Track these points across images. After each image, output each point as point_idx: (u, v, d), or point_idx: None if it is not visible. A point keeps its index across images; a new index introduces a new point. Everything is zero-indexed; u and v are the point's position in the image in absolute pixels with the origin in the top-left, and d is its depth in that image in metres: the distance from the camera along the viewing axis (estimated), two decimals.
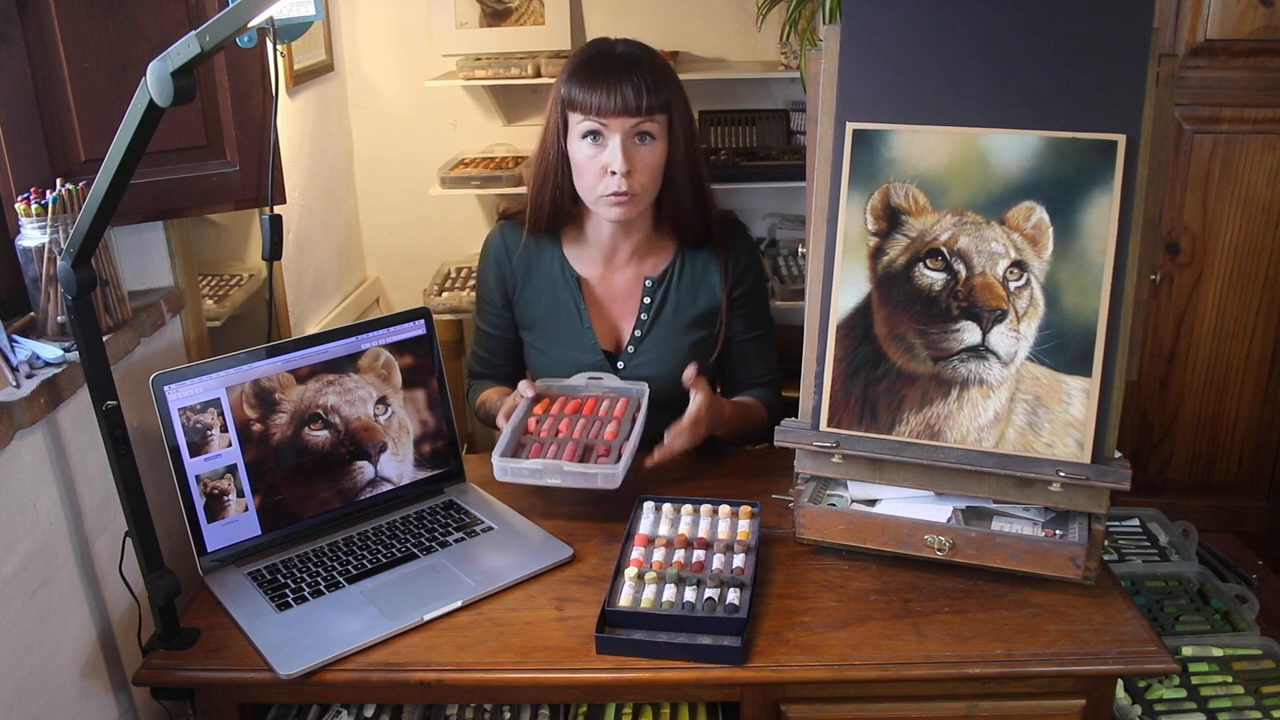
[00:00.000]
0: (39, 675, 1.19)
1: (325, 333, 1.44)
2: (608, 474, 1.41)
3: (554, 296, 1.69)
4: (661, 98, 1.54)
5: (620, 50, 1.58)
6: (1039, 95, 1.26)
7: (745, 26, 2.91)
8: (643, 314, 1.69)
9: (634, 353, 1.69)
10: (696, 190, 1.64)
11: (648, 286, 1.68)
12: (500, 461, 1.44)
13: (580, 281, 1.69)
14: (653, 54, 1.59)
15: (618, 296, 1.70)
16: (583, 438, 1.50)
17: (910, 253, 1.30)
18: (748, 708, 1.23)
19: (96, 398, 1.17)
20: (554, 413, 1.57)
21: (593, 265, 1.70)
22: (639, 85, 1.52)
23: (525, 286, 1.71)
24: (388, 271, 3.15)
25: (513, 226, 1.73)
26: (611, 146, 1.53)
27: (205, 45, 0.97)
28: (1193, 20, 2.31)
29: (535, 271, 1.70)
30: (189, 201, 1.51)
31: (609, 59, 1.56)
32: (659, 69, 1.57)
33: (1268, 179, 2.40)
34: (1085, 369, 1.24)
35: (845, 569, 1.35)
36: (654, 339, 1.68)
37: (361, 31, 2.94)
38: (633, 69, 1.53)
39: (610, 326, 1.70)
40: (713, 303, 1.69)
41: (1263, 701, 1.58)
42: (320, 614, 1.28)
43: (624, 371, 1.68)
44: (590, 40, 1.64)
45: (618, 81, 1.52)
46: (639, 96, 1.51)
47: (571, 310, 1.68)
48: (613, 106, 1.52)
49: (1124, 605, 1.26)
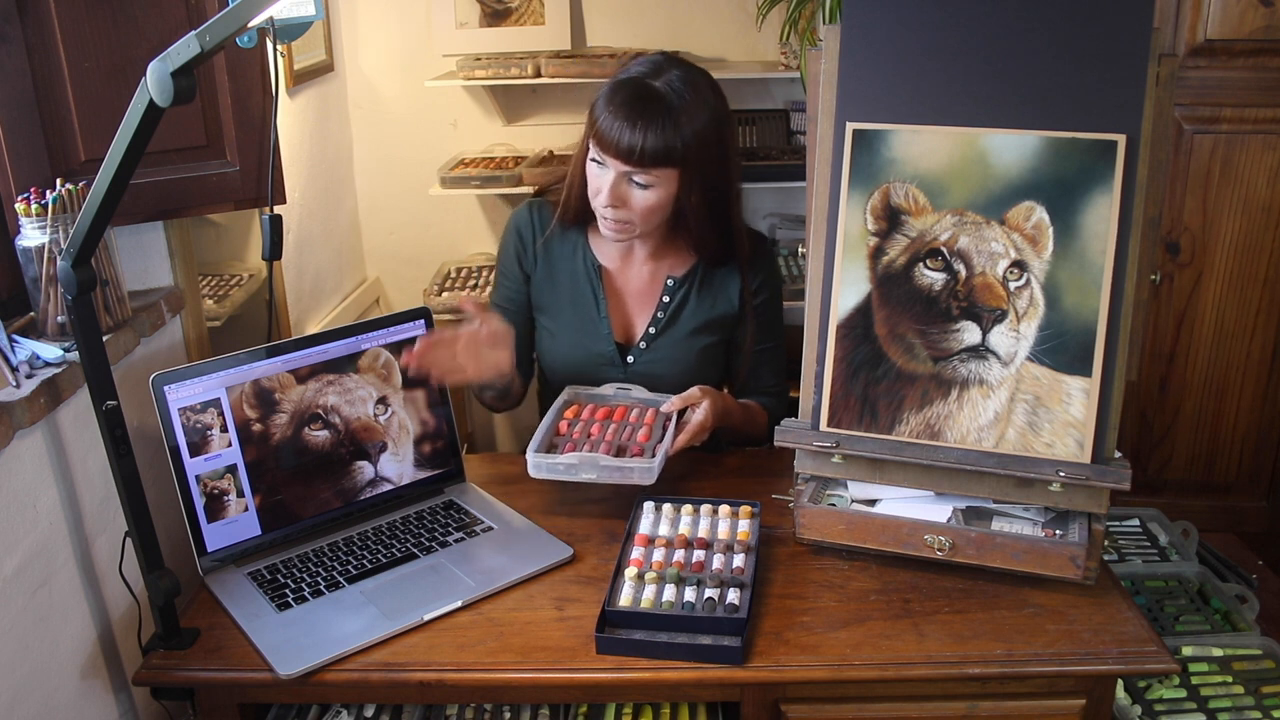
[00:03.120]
0: (39, 675, 1.19)
1: (325, 333, 1.44)
2: (644, 469, 1.41)
3: (573, 281, 1.69)
4: (671, 152, 1.47)
5: (658, 84, 1.49)
6: (1039, 95, 1.26)
7: (745, 26, 2.90)
8: (659, 311, 1.68)
9: (646, 349, 1.68)
10: (718, 224, 1.61)
11: (669, 285, 1.68)
12: (535, 457, 1.44)
13: (601, 271, 1.68)
14: (694, 92, 1.49)
15: (637, 291, 1.70)
16: (615, 439, 1.51)
17: (910, 253, 1.30)
18: (748, 708, 1.23)
19: (96, 398, 1.17)
20: (584, 418, 1.57)
21: (614, 257, 1.69)
22: (649, 134, 1.45)
23: (546, 266, 1.70)
24: (388, 271, 3.15)
25: (544, 205, 1.71)
26: (606, 178, 1.51)
27: (205, 45, 0.97)
28: (1193, 20, 2.31)
29: (558, 254, 1.70)
30: (189, 201, 1.51)
31: (640, 92, 1.48)
32: (690, 113, 1.48)
33: (1268, 179, 2.40)
34: (1085, 369, 1.24)
35: (845, 569, 1.35)
36: (668, 338, 1.68)
37: (361, 31, 2.94)
38: (654, 114, 1.46)
39: (625, 319, 1.70)
40: (729, 311, 1.69)
41: (1263, 702, 1.58)
42: (320, 614, 1.28)
43: (633, 366, 1.68)
44: (648, 55, 1.56)
45: (630, 123, 1.45)
46: (640, 146, 1.45)
47: (589, 298, 1.68)
48: (612, 147, 1.47)
49: (1124, 605, 1.26)
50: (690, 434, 1.51)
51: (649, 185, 1.51)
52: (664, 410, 1.54)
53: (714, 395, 1.58)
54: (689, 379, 1.66)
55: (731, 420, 1.63)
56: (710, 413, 1.54)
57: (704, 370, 1.70)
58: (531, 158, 2.87)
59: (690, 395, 1.56)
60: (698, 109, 1.49)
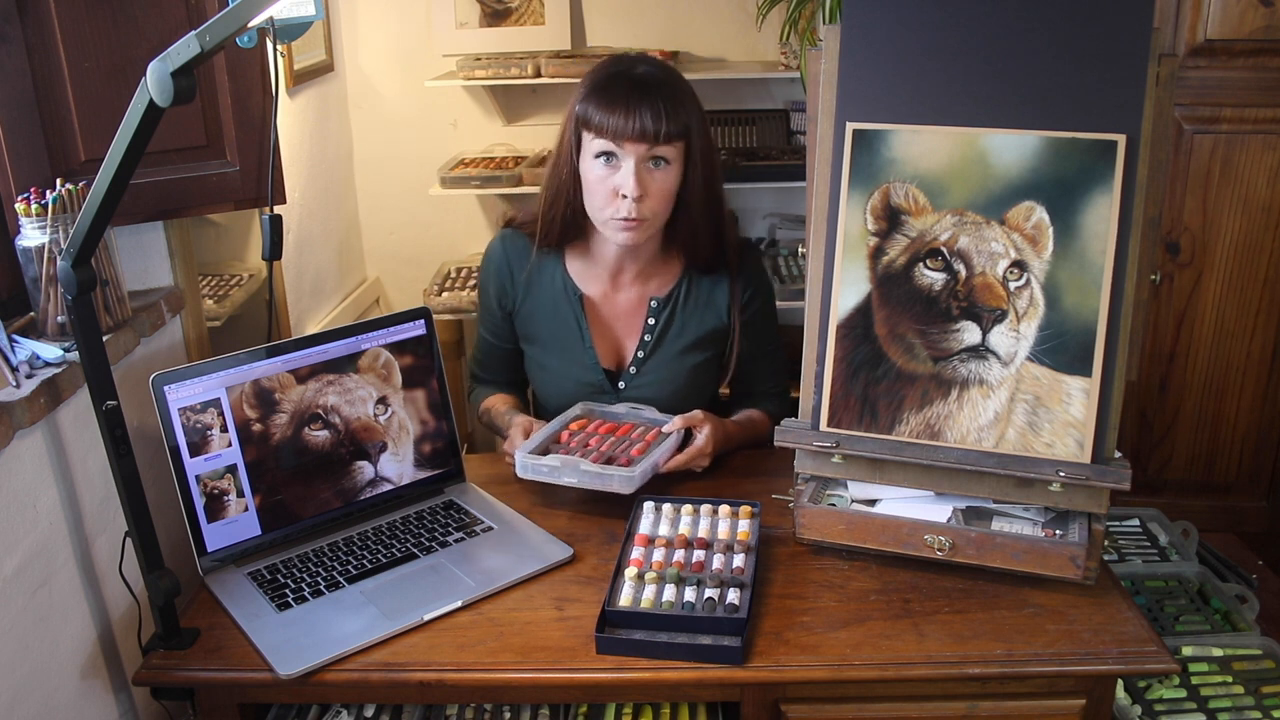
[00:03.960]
0: (39, 675, 1.19)
1: (325, 333, 1.44)
2: (625, 477, 1.42)
3: (555, 312, 1.68)
4: (680, 124, 1.51)
5: (641, 72, 1.54)
6: (1039, 95, 1.26)
7: (745, 26, 2.91)
8: (646, 334, 1.67)
9: (636, 373, 1.68)
10: (712, 218, 1.62)
11: (653, 307, 1.67)
12: (522, 457, 1.47)
13: (583, 299, 1.67)
14: (674, 77, 1.56)
15: (621, 315, 1.69)
16: (608, 450, 1.52)
17: (910, 253, 1.30)
18: (748, 708, 1.23)
19: (96, 398, 1.17)
20: (588, 430, 1.58)
21: (597, 283, 1.68)
22: (658, 111, 1.49)
23: (526, 300, 1.70)
24: (388, 271, 3.15)
25: (515, 236, 1.70)
26: (625, 170, 1.51)
27: (205, 45, 0.97)
28: (1193, 20, 2.31)
29: (537, 285, 1.69)
30: (189, 201, 1.51)
31: (629, 80, 1.52)
32: (680, 93, 1.53)
33: (1268, 179, 2.40)
34: (1085, 369, 1.24)
35: (845, 569, 1.35)
36: (657, 360, 1.68)
37: (361, 31, 2.94)
38: (652, 93, 1.50)
39: (612, 345, 1.69)
40: (719, 325, 1.68)
41: (1263, 702, 1.58)
42: (320, 614, 1.28)
43: (625, 392, 1.68)
44: (610, 57, 1.61)
45: (637, 105, 1.49)
46: (657, 122, 1.49)
47: (573, 327, 1.67)
48: (629, 131, 1.49)
49: (1124, 605, 1.26)
50: (689, 458, 1.52)
51: (668, 162, 1.53)
52: (665, 430, 1.55)
53: (715, 422, 1.58)
54: (682, 398, 1.66)
55: (732, 445, 1.64)
56: (711, 438, 1.55)
57: (697, 388, 1.70)
58: (531, 158, 2.87)
59: (693, 417, 1.56)
60: (680, 83, 1.56)
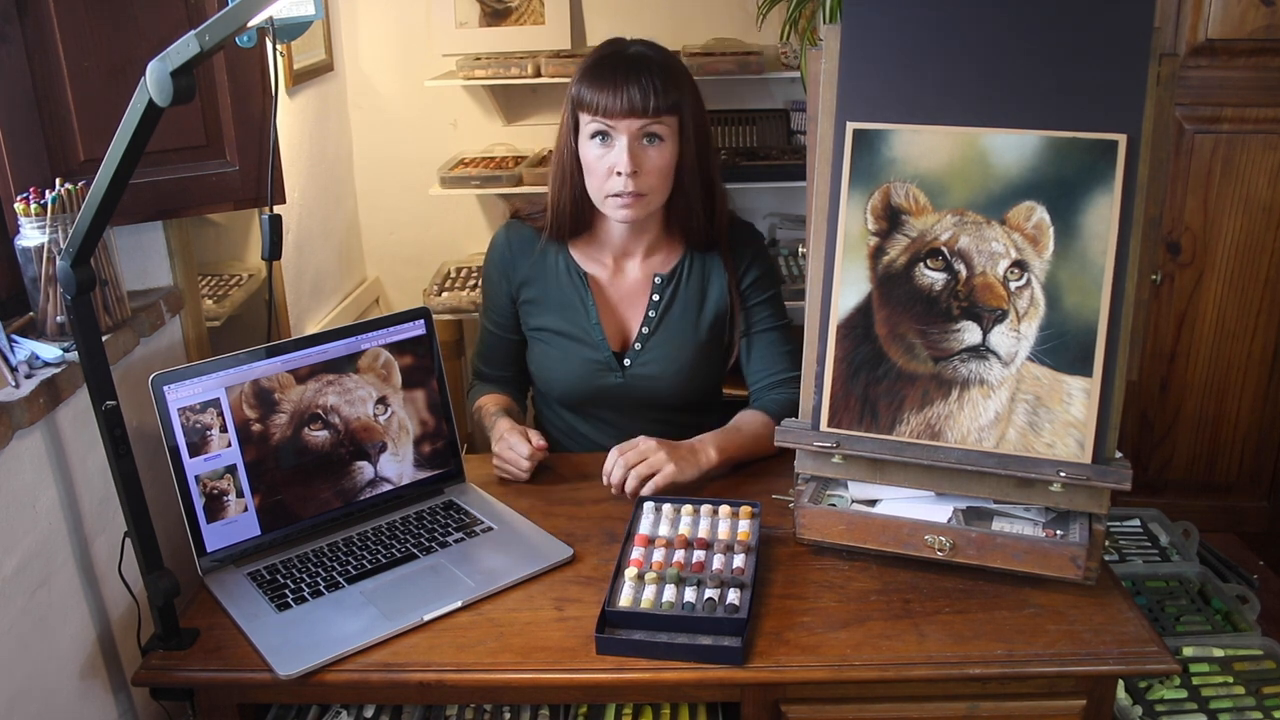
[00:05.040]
0: (38, 676, 1.19)
1: (325, 333, 1.44)
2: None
3: (561, 295, 1.69)
4: (671, 99, 1.54)
5: (632, 50, 1.58)
6: (1039, 95, 1.25)
7: (745, 26, 2.90)
8: (650, 311, 1.68)
9: (641, 349, 1.68)
10: (707, 193, 1.64)
11: (657, 283, 1.68)
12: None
13: (588, 279, 1.69)
14: (666, 54, 1.59)
15: (626, 294, 1.70)
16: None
17: (911, 253, 1.30)
18: (748, 708, 1.22)
19: (96, 398, 1.17)
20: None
21: (601, 265, 1.70)
22: (647, 86, 1.52)
23: (532, 285, 1.71)
24: (388, 271, 3.15)
25: (519, 226, 1.73)
26: (619, 147, 1.54)
27: (205, 45, 0.97)
28: (1193, 20, 2.31)
29: (542, 271, 1.70)
30: (189, 201, 1.51)
31: (619, 59, 1.56)
32: (671, 70, 1.56)
33: (1269, 179, 2.39)
34: (1086, 369, 1.24)
35: (845, 569, 1.35)
36: (661, 336, 1.68)
37: (361, 31, 2.93)
38: (643, 70, 1.53)
39: (618, 325, 1.70)
40: (721, 307, 1.69)
41: (1264, 702, 1.58)
42: (320, 614, 1.27)
43: (630, 369, 1.68)
44: (605, 40, 1.64)
45: (626, 82, 1.52)
46: (646, 98, 1.51)
47: (579, 307, 1.68)
48: (620, 107, 1.52)
49: (1125, 605, 1.26)
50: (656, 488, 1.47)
51: (661, 138, 1.55)
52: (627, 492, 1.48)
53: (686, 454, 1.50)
54: (686, 379, 1.66)
55: (732, 460, 1.58)
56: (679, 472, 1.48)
57: (700, 371, 1.69)
58: (531, 157, 2.87)
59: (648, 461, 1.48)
60: (672, 60, 1.59)
